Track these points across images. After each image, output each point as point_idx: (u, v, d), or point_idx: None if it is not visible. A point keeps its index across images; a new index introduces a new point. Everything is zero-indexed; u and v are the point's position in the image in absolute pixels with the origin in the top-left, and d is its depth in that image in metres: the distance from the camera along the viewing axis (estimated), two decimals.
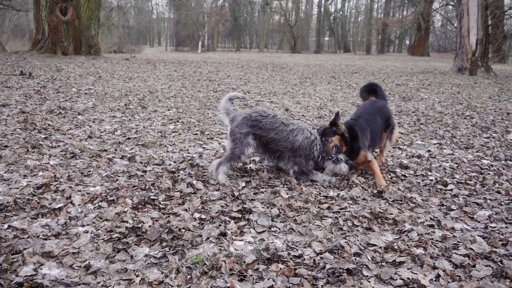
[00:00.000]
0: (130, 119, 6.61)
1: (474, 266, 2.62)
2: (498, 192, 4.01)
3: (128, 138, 5.47)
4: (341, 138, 4.24)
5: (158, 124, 6.38)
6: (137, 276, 2.41)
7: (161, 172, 4.21)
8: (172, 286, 2.33)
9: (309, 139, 4.18)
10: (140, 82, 11.38)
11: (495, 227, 3.22)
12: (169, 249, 2.72)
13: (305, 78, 14.45)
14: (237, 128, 4.15)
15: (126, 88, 9.94)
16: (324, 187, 4.00)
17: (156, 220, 3.12)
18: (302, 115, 7.63)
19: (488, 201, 3.79)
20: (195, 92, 9.85)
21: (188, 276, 2.41)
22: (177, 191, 3.72)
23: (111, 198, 3.48)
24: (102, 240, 2.78)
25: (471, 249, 2.83)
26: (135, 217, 3.14)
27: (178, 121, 6.61)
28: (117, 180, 3.95)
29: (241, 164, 4.45)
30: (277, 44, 71.29)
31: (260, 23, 65.13)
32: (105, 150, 4.88)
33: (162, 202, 3.48)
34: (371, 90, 5.16)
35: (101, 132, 5.70)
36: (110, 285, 2.31)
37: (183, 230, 2.95)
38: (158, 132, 5.89)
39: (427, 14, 44.14)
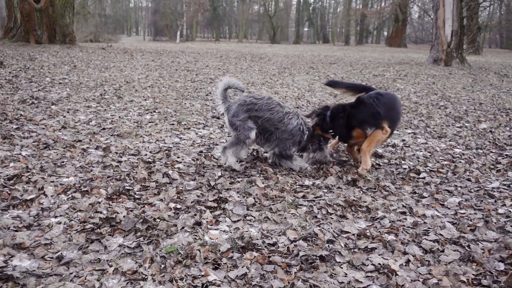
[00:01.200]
0: (105, 109, 6.50)
1: (443, 251, 2.69)
2: (469, 180, 4.12)
3: (103, 129, 5.39)
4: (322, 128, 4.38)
5: (134, 114, 6.31)
6: (111, 266, 2.40)
7: (136, 163, 4.18)
8: (146, 275, 2.32)
9: (301, 126, 4.27)
10: (116, 71, 11.20)
11: (464, 213, 3.31)
12: (144, 239, 2.71)
13: (284, 69, 14.46)
14: (234, 118, 4.18)
15: (102, 78, 9.77)
16: (300, 176, 4.04)
17: (131, 210, 3.10)
18: None
19: (459, 188, 3.90)
20: (173, 82, 9.75)
21: (162, 265, 2.41)
22: (152, 181, 3.70)
23: (85, 189, 3.43)
24: (75, 231, 2.76)
25: (440, 234, 2.91)
26: (109, 207, 3.11)
27: (154, 111, 6.54)
28: (91, 170, 3.90)
29: (246, 150, 4.46)
30: (256, 34, 71.03)
31: (240, 13, 64.68)
32: (80, 141, 4.80)
33: (137, 193, 3.46)
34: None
35: (75, 122, 5.60)
36: (83, 276, 2.29)
37: (158, 220, 2.95)
38: (134, 122, 5.82)
39: (405, 5, 44.59)
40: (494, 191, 3.79)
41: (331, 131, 4.36)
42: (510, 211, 3.34)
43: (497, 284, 2.30)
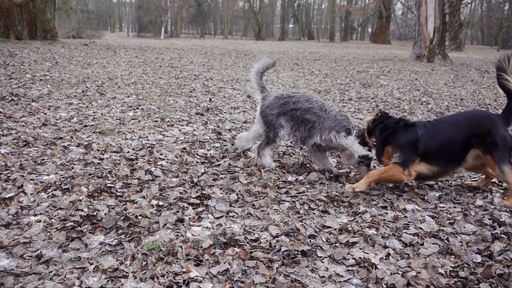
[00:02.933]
0: (87, 106, 6.43)
1: (422, 244, 2.74)
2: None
3: (85, 126, 5.33)
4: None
5: (117, 111, 6.25)
6: (91, 264, 2.38)
7: (119, 160, 4.14)
8: (127, 272, 2.31)
9: (344, 115, 4.02)
10: (99, 68, 11.06)
11: (444, 207, 3.37)
12: (125, 236, 2.69)
13: None
14: (267, 109, 4.10)
15: (84, 74, 9.64)
16: (283, 172, 4.05)
17: (112, 208, 3.07)
18: None
19: (439, 182, 3.96)
20: (156, 79, 9.68)
21: (144, 263, 2.40)
22: (135, 179, 3.68)
23: (65, 187, 3.39)
24: (55, 229, 2.72)
25: (420, 228, 2.96)
26: (91, 205, 3.08)
27: (137, 108, 6.49)
28: (72, 168, 3.85)
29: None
30: (241, 31, 70.84)
31: (224, 9, 64.46)
32: (61, 138, 4.73)
33: (119, 190, 3.43)
34: None
35: (56, 119, 5.52)
36: (63, 274, 2.27)
37: (140, 217, 2.93)
38: (116, 119, 5.77)
39: (388, 2, 44.96)
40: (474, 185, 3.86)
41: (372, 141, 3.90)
42: (487, 204, 3.41)
43: (474, 276, 2.34)
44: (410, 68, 14.81)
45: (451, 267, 2.45)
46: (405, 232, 2.88)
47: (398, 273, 2.37)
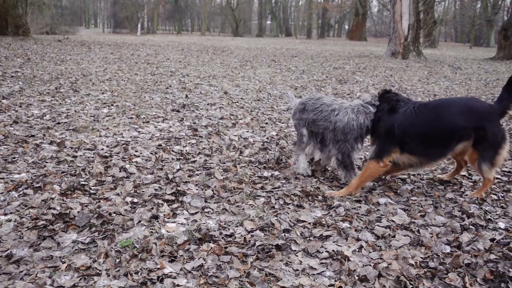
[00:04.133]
0: (60, 103, 6.30)
1: (394, 236, 2.80)
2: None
3: (58, 123, 5.23)
4: None
5: (91, 108, 6.15)
6: (63, 262, 2.35)
7: (92, 157, 4.08)
8: (100, 270, 2.29)
9: (357, 120, 3.59)
10: (73, 64, 10.85)
11: (415, 200, 3.45)
12: (98, 234, 2.66)
13: (246, 62, 14.46)
14: (293, 118, 4.05)
15: (58, 71, 9.45)
16: (259, 168, 4.07)
17: (86, 206, 3.03)
18: (241, 98, 7.65)
19: (412, 176, 4.04)
20: (132, 75, 9.56)
21: (117, 260, 2.39)
22: (109, 176, 3.64)
23: (37, 185, 3.33)
24: (26, 228, 2.67)
25: (392, 221, 3.02)
26: (63, 203, 3.03)
27: (112, 105, 6.40)
28: (44, 166, 3.78)
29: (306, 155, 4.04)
30: (219, 27, 70.51)
31: (202, 6, 63.99)
32: (32, 136, 4.64)
33: (92, 188, 3.39)
34: None
35: (28, 117, 5.40)
36: (34, 273, 2.23)
37: (114, 215, 2.90)
38: (90, 116, 5.67)
39: None
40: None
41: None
42: (457, 196, 3.50)
43: (443, 266, 2.41)
44: (385, 65, 15.03)
45: (421, 258, 2.51)
46: (377, 225, 2.94)
47: (370, 265, 2.42)
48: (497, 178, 4.00)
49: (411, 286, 2.21)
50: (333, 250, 2.57)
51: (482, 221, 3.02)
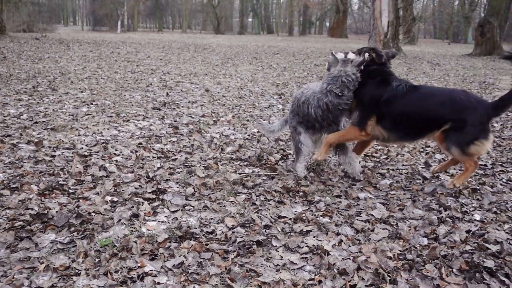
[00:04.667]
0: (38, 102, 6.20)
1: (373, 230, 2.84)
2: (400, 163, 4.34)
3: (36, 122, 5.14)
4: None
5: (69, 106, 6.06)
6: (42, 263, 2.32)
7: (71, 157, 4.03)
8: (79, 270, 2.27)
9: (321, 99, 3.58)
10: (51, 63, 10.67)
11: (394, 194, 3.50)
12: (78, 233, 2.64)
13: (227, 59, 14.43)
14: (289, 119, 3.94)
15: (35, 69, 9.28)
16: (240, 165, 4.07)
17: (65, 206, 2.99)
18: (223, 96, 7.64)
19: (391, 171, 4.11)
20: (112, 73, 9.45)
21: (97, 259, 2.37)
22: (88, 175, 3.59)
23: (14, 186, 3.27)
24: (3, 229, 2.63)
25: (371, 215, 3.07)
26: (41, 203, 2.99)
27: (91, 104, 6.32)
28: (22, 166, 3.72)
29: (308, 157, 3.97)
30: (200, 25, 70.11)
31: (183, 3, 63.48)
32: (9, 136, 4.55)
33: (71, 187, 3.34)
34: None
35: (4, 116, 5.29)
36: (11, 275, 2.20)
37: (93, 214, 2.87)
38: (69, 115, 5.59)
39: None
40: (425, 172, 4.02)
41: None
42: (435, 188, 3.57)
43: (420, 258, 2.46)
44: None
45: (399, 250, 2.56)
46: (357, 219, 2.98)
47: (349, 259, 2.45)
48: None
49: (389, 278, 2.25)
50: (313, 245, 2.59)
51: (459, 214, 3.09)
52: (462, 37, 52.65)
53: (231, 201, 3.22)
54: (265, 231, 2.76)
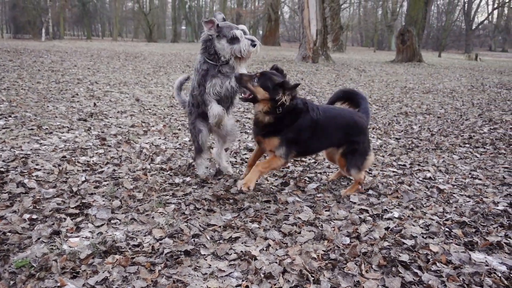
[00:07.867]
0: None
1: (299, 232, 2.92)
2: (328, 166, 4.51)
3: None
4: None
5: None
6: None
7: None
8: None
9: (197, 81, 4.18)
10: None
11: (321, 196, 3.63)
12: None
13: (159, 67, 14.20)
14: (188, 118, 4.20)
15: None
16: (170, 175, 4.02)
17: None
18: (154, 105, 7.51)
19: (318, 174, 4.25)
20: (34, 84, 8.94)
21: (11, 282, 2.22)
22: (4, 193, 3.37)
23: None
24: None
25: (299, 218, 3.16)
26: None
27: (10, 116, 5.93)
28: None
29: (207, 156, 4.09)
30: (132, 33, 68.40)
31: (112, 10, 61.58)
32: None
33: None
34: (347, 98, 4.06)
35: None
36: None
37: (9, 234, 2.70)
38: None
39: (276, 5, 46.84)
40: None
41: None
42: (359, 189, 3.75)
43: (342, 257, 2.57)
44: (296, 69, 15.62)
45: (323, 251, 2.66)
46: (285, 223, 3.05)
47: (275, 262, 2.50)
48: (393, 171, 4.36)
49: (313, 278, 2.33)
50: (241, 251, 2.62)
51: (379, 212, 3.27)
52: (386, 44, 55.86)
53: (160, 212, 3.17)
54: (194, 240, 2.75)
